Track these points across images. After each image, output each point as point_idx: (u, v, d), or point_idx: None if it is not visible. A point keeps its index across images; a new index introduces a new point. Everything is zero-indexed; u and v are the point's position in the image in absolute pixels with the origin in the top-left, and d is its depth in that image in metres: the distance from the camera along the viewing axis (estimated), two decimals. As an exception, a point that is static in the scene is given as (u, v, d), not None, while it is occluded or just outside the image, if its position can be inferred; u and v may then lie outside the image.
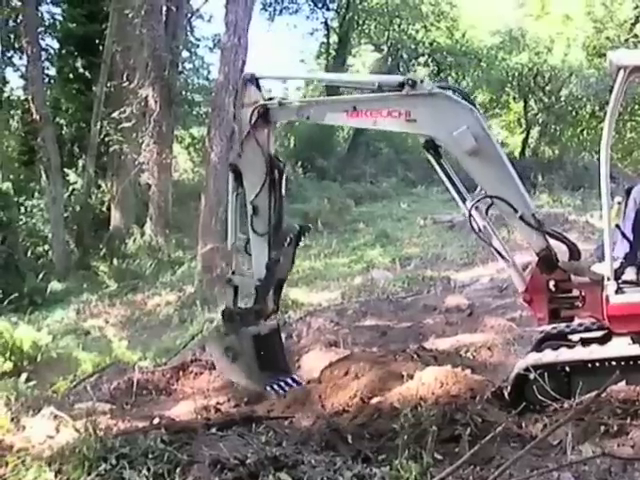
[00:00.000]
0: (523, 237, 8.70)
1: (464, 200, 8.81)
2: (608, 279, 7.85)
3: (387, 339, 12.94)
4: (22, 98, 32.64)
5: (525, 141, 43.94)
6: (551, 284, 8.44)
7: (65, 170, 29.43)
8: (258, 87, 9.90)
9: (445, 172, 8.92)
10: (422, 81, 8.70)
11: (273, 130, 9.95)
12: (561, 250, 8.54)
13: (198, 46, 35.10)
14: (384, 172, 38.07)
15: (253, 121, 9.66)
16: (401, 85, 8.75)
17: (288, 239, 9.98)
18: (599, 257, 8.28)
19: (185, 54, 33.31)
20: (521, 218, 8.35)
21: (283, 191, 10.05)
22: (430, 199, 32.78)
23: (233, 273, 10.43)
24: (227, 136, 19.90)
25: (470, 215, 8.65)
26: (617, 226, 8.24)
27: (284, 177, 10.05)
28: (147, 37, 25.85)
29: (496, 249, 8.78)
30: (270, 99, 9.99)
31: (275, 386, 9.81)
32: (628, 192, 8.35)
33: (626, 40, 35.96)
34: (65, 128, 32.94)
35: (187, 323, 17.23)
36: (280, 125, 10.21)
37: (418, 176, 36.96)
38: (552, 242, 8.51)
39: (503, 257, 8.75)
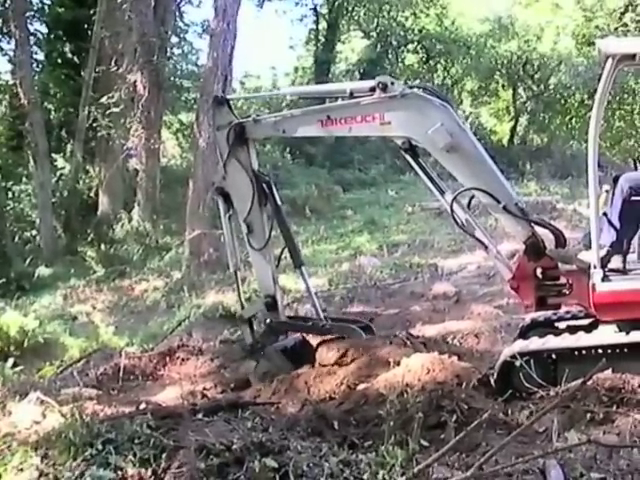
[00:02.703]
0: (508, 227, 8.71)
1: (443, 194, 8.84)
2: (595, 267, 7.88)
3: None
4: (10, 83, 32.41)
5: (513, 129, 44.04)
6: (538, 271, 8.48)
7: (53, 155, 29.35)
8: (230, 108, 9.92)
9: (424, 171, 8.96)
10: (393, 83, 8.70)
11: (252, 146, 9.95)
12: (547, 238, 8.56)
13: (187, 31, 35.13)
14: (372, 159, 38.05)
15: (231, 141, 9.67)
16: (372, 89, 8.77)
17: (350, 334, 10.02)
18: (586, 245, 8.31)
19: (174, 39, 33.27)
20: (504, 208, 8.36)
21: (279, 201, 10.07)
22: (418, 186, 32.55)
23: (242, 308, 10.44)
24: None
25: (452, 209, 8.66)
26: (604, 214, 8.26)
27: (274, 189, 10.04)
28: (136, 22, 25.75)
29: (480, 240, 8.81)
30: (245, 117, 10.01)
31: None
32: (615, 180, 8.35)
33: (615, 29, 35.98)
34: (53, 113, 32.81)
35: (174, 309, 17.20)
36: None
37: (406, 163, 36.82)
38: (538, 230, 8.54)
39: (487, 248, 8.78)
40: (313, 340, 10.46)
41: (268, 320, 10.10)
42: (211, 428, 6.05)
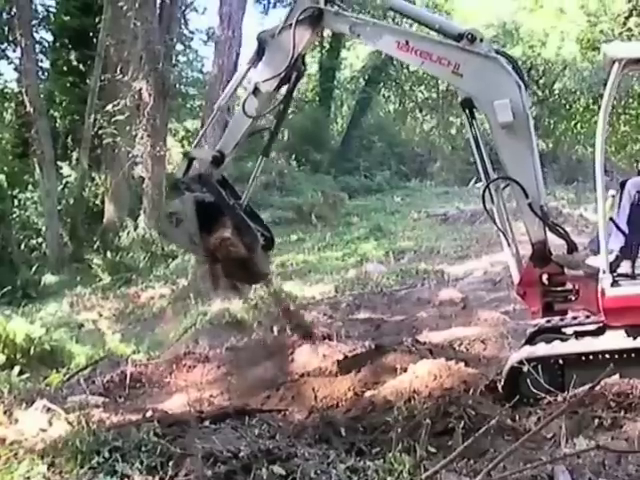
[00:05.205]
0: (525, 224, 8.63)
1: (485, 170, 8.72)
2: (604, 272, 7.86)
3: (381, 332, 12.94)
4: (16, 91, 32.52)
5: (519, 134, 43.88)
6: (544, 277, 8.45)
7: (59, 163, 29.37)
8: None
9: (474, 136, 8.83)
10: (482, 40, 8.55)
11: (316, 35, 9.70)
12: (554, 244, 8.53)
13: (192, 39, 35.12)
14: (378, 165, 38.07)
15: (302, 17, 9.22)
16: (460, 36, 8.64)
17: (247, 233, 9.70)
18: (593, 250, 8.28)
19: (179, 47, 33.33)
20: (529, 205, 8.30)
21: (295, 91, 9.92)
22: (424, 192, 32.80)
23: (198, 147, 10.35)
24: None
25: (484, 196, 8.57)
26: (611, 219, 8.24)
27: (299, 82, 9.85)
28: (141, 30, 25.77)
29: (503, 232, 8.72)
30: (330, 3, 9.61)
31: None
32: (622, 185, 8.34)
33: (620, 34, 35.89)
34: (59, 121, 32.84)
35: (181, 316, 17.17)
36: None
37: (412, 169, 37.06)
38: (551, 237, 8.49)
39: (509, 245, 8.69)
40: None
41: (203, 171, 9.92)
42: (218, 435, 6.04)
